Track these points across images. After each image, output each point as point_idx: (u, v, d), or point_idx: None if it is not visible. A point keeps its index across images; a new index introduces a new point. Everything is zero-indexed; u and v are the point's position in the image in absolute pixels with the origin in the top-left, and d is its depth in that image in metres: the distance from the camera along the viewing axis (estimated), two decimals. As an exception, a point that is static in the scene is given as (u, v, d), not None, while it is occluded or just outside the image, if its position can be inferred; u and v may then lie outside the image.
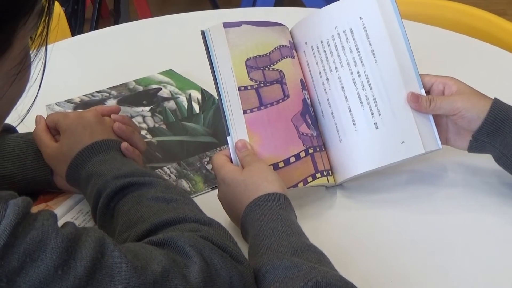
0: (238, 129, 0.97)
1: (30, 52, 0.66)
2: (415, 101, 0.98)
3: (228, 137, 0.96)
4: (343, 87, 1.01)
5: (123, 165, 0.89)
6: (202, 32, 1.00)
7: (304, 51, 1.06)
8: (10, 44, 0.63)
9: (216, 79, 0.98)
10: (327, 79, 1.03)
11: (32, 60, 0.67)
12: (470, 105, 0.96)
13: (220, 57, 0.99)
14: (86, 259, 0.65)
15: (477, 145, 0.97)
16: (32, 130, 0.97)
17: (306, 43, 1.06)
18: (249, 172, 0.91)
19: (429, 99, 0.98)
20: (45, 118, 0.98)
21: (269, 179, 0.89)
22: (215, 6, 3.00)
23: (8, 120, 0.71)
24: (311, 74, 1.05)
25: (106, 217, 0.85)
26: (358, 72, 1.01)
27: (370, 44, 1.01)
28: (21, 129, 0.96)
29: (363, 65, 1.01)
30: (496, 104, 0.96)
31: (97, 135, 0.93)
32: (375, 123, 0.99)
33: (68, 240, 0.65)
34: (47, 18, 0.66)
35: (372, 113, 0.99)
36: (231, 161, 0.95)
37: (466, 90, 0.98)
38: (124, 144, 0.94)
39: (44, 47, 0.67)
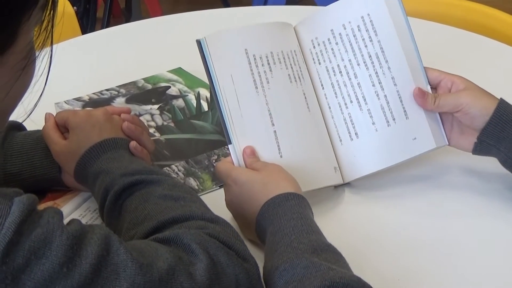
0: (240, 136, 0.96)
1: (35, 47, 0.66)
2: (421, 96, 0.97)
3: (229, 146, 0.96)
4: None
5: (131, 163, 0.89)
6: (198, 42, 0.98)
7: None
8: (15, 38, 0.63)
9: (215, 89, 0.96)
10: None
11: (37, 55, 0.67)
12: (474, 101, 0.94)
13: (218, 67, 0.97)
14: (91, 256, 0.65)
15: (481, 147, 0.95)
16: (40, 128, 0.97)
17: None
18: (267, 172, 0.90)
19: (434, 97, 0.97)
20: (55, 115, 0.98)
21: (288, 179, 0.89)
22: (226, 5, 3.00)
23: (14, 116, 0.71)
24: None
25: (114, 215, 0.85)
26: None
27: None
28: (29, 126, 0.97)
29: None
30: (502, 105, 0.93)
31: (105, 133, 0.93)
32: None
33: (74, 237, 0.65)
34: (51, 12, 0.66)
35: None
36: None
37: (472, 88, 0.96)
38: (133, 143, 0.94)
39: (50, 42, 0.67)
